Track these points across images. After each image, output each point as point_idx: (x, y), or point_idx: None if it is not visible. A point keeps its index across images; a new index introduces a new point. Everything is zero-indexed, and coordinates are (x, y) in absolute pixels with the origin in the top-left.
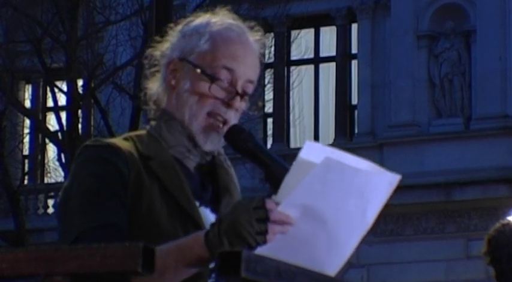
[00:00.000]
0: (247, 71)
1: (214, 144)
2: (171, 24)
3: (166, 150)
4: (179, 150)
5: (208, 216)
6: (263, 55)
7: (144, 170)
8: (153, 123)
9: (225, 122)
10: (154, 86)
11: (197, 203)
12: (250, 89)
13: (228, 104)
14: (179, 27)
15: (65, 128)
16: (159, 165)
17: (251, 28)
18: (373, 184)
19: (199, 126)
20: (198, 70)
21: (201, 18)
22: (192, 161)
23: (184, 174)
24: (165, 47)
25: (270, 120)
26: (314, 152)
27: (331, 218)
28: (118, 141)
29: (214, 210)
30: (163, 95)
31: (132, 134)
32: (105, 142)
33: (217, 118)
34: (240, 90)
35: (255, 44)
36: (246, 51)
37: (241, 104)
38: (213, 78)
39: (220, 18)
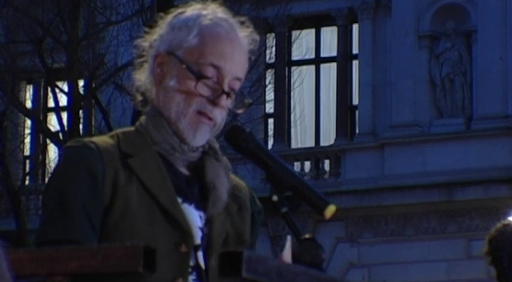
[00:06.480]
0: (234, 68)
1: (203, 139)
2: (161, 14)
3: (150, 146)
4: (164, 147)
5: (192, 212)
6: (253, 51)
7: (122, 168)
8: (142, 119)
9: (210, 119)
10: (141, 76)
11: (180, 200)
12: (237, 86)
13: (214, 103)
14: (169, 18)
15: (66, 128)
16: (140, 162)
17: (241, 23)
18: None
19: (187, 124)
20: (184, 66)
21: (191, 11)
22: (178, 158)
23: (168, 170)
24: (153, 37)
25: (271, 121)
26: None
27: None
28: (99, 139)
29: (199, 207)
30: (151, 87)
31: (120, 130)
32: (83, 142)
33: (204, 116)
34: (226, 89)
35: (243, 40)
36: (234, 48)
37: (227, 102)
38: (199, 76)
39: (212, 11)
